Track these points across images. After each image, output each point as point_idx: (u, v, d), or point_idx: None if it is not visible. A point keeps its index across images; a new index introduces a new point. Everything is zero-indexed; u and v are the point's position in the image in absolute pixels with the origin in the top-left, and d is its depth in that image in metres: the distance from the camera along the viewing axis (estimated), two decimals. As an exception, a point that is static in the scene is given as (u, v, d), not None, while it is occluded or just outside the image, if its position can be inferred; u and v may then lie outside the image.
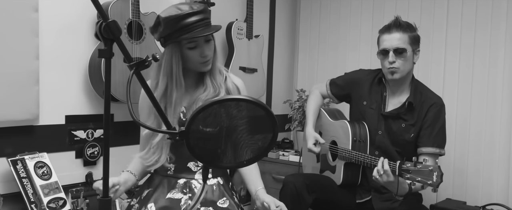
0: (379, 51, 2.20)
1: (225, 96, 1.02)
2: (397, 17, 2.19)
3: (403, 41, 2.12)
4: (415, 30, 2.18)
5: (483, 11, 2.87)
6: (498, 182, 2.82)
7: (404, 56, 2.12)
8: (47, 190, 2.20)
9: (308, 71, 3.75)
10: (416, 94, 2.20)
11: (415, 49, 2.17)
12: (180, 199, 1.73)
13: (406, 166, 1.86)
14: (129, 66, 1.12)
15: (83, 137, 2.49)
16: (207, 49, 1.73)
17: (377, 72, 2.33)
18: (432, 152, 2.14)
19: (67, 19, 2.39)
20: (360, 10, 3.42)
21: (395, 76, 2.15)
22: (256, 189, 1.79)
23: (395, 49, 2.12)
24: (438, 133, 2.16)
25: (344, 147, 2.26)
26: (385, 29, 2.19)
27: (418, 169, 1.82)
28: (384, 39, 2.17)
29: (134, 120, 1.06)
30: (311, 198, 2.20)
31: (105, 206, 1.11)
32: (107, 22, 1.06)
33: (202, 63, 1.75)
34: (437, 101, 2.19)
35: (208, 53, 1.74)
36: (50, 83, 2.32)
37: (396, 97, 2.25)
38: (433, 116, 2.16)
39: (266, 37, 3.52)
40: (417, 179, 1.82)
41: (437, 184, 1.78)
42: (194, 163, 1.78)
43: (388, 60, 2.13)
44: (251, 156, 1.09)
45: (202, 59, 1.73)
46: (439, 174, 1.78)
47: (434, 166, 1.80)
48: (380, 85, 2.29)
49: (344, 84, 2.44)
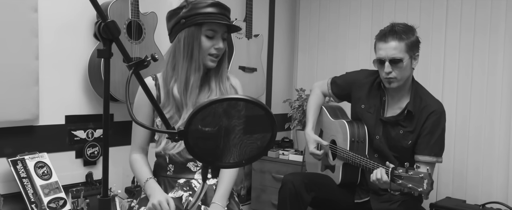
0: (375, 60, 2.14)
1: (224, 96, 1.02)
2: (393, 24, 2.11)
3: (399, 50, 2.04)
4: (413, 34, 2.09)
5: (482, 11, 2.87)
6: (497, 181, 2.83)
7: (401, 66, 2.06)
8: (47, 190, 2.20)
9: (307, 71, 3.75)
10: (415, 100, 2.15)
11: (413, 55, 2.09)
12: (181, 197, 1.74)
13: (398, 172, 1.85)
14: (128, 66, 1.12)
15: (83, 137, 2.49)
16: (222, 44, 1.76)
17: (376, 75, 2.26)
18: (429, 161, 2.11)
19: (67, 19, 2.40)
20: (359, 9, 3.42)
21: (392, 86, 2.11)
22: (215, 200, 1.74)
23: (391, 59, 2.05)
24: (436, 141, 2.12)
25: (343, 147, 2.26)
26: (381, 37, 2.11)
27: (410, 175, 1.80)
28: (380, 48, 2.09)
29: (133, 120, 1.06)
30: (310, 197, 2.20)
31: (105, 206, 1.11)
32: (106, 22, 1.06)
33: (212, 56, 1.76)
34: (437, 108, 2.14)
35: (221, 48, 1.76)
36: (50, 84, 2.33)
37: (396, 102, 2.21)
38: (432, 123, 2.12)
39: (266, 36, 3.52)
40: (408, 186, 1.80)
41: (427, 192, 1.76)
42: (193, 163, 1.78)
43: (384, 70, 2.08)
44: (250, 155, 1.10)
45: (214, 51, 1.75)
46: (429, 182, 1.75)
47: (425, 173, 1.77)
48: (380, 89, 2.25)
49: (345, 85, 2.42)
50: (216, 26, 1.73)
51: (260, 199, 3.27)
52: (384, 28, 2.13)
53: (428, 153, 2.11)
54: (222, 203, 1.72)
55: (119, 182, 2.66)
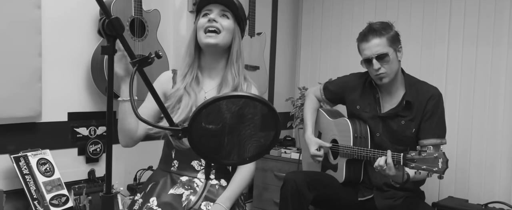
0: (363, 60, 2.19)
1: (228, 93, 1.02)
2: (371, 23, 2.18)
3: (382, 46, 2.10)
4: (392, 29, 2.16)
5: (487, 1, 2.86)
6: (500, 180, 2.82)
7: (387, 60, 2.11)
8: (49, 186, 2.20)
9: (310, 69, 3.75)
10: (412, 91, 2.19)
11: (396, 48, 2.15)
12: (181, 195, 1.72)
13: (411, 155, 1.87)
14: (131, 63, 1.12)
15: (85, 134, 2.50)
16: (213, 14, 1.70)
17: (367, 75, 2.31)
18: (434, 143, 2.14)
19: (70, 16, 2.40)
20: (363, 7, 3.42)
21: (384, 81, 2.15)
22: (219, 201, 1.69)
23: (377, 56, 2.11)
24: (438, 123, 2.17)
25: (346, 144, 2.26)
26: (362, 38, 2.18)
27: (423, 157, 1.83)
28: (364, 48, 2.16)
29: (137, 117, 1.06)
30: (312, 195, 2.20)
31: (108, 203, 1.11)
32: (110, 19, 1.05)
33: (206, 32, 1.70)
34: (435, 92, 2.19)
35: (217, 21, 1.70)
36: (52, 80, 2.33)
37: (391, 96, 2.24)
38: (432, 107, 2.16)
39: (268, 34, 3.52)
40: (423, 167, 1.83)
41: (443, 170, 1.78)
42: (198, 161, 1.76)
43: (373, 68, 2.13)
44: (254, 153, 1.09)
45: (208, 24, 1.69)
46: (445, 160, 1.78)
47: (439, 153, 1.80)
48: (372, 88, 2.29)
49: (337, 89, 2.45)
50: (210, 6, 1.72)
51: (262, 197, 3.27)
52: (363, 30, 2.21)
53: (431, 135, 2.15)
54: (226, 205, 1.68)
55: (121, 180, 2.66)
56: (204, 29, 1.70)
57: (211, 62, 1.78)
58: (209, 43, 1.70)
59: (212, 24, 1.69)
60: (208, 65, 1.79)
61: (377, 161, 1.98)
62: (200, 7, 1.75)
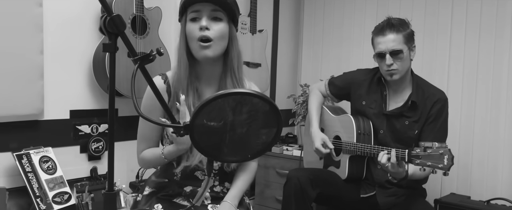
0: (376, 54, 2.17)
1: (230, 90, 1.01)
2: (389, 18, 2.16)
3: (398, 42, 2.09)
4: (408, 27, 2.14)
5: (488, 2, 2.85)
6: (502, 177, 2.82)
7: (401, 57, 2.10)
8: (52, 184, 2.21)
9: (312, 66, 3.74)
10: (418, 92, 2.18)
11: (410, 46, 2.14)
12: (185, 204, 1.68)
13: (416, 152, 1.86)
14: (133, 60, 1.12)
15: (87, 132, 2.50)
16: (204, 21, 1.51)
17: (375, 71, 2.30)
18: None
19: (71, 13, 2.40)
20: (365, 4, 3.41)
21: (394, 78, 2.14)
22: (227, 199, 1.65)
23: (391, 51, 2.09)
24: (440, 128, 2.16)
25: (349, 140, 2.26)
26: (378, 31, 2.15)
27: (428, 153, 1.82)
28: (379, 42, 2.13)
29: (138, 114, 1.06)
30: (315, 193, 2.20)
31: (110, 201, 1.11)
32: (111, 16, 1.05)
33: (199, 41, 1.51)
34: (441, 97, 2.18)
35: (204, 25, 1.51)
36: (54, 78, 2.33)
37: (398, 95, 2.24)
38: (437, 111, 2.15)
39: (270, 31, 3.51)
40: (428, 164, 1.81)
41: (448, 167, 1.77)
42: (201, 172, 1.69)
43: (385, 63, 2.11)
44: (256, 150, 1.09)
45: (200, 33, 1.51)
46: (450, 157, 1.77)
47: (444, 149, 1.79)
48: (380, 84, 2.27)
49: (343, 85, 2.44)
50: (197, 6, 1.52)
51: (264, 195, 3.27)
52: (380, 23, 2.18)
53: (432, 139, 2.14)
54: (234, 203, 1.65)
55: (124, 177, 2.67)
56: (197, 39, 1.53)
57: (208, 70, 1.64)
58: (207, 56, 1.54)
59: (204, 34, 1.52)
60: (206, 73, 1.64)
61: (380, 156, 1.96)
62: (185, 6, 1.55)
